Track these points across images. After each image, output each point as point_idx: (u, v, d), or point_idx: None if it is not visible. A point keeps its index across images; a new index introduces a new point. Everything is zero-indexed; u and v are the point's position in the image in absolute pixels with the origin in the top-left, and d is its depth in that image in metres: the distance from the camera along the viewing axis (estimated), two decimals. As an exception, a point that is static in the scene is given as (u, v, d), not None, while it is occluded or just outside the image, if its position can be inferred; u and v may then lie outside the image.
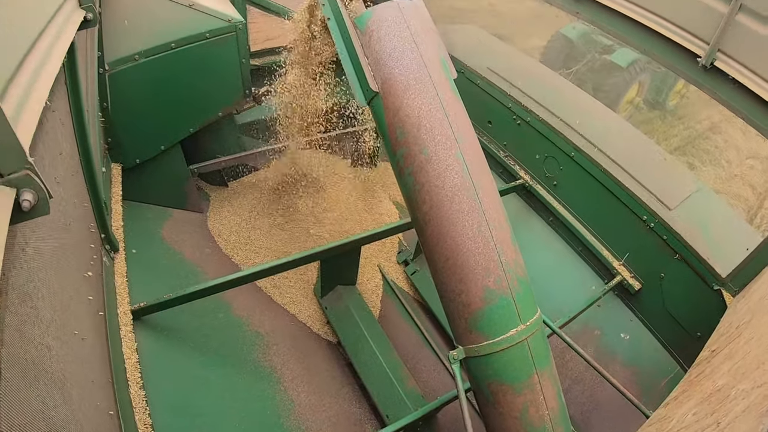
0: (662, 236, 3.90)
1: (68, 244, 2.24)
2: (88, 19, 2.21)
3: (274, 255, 4.66)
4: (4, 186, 1.11)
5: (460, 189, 2.35)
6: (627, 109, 10.12)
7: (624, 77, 9.50)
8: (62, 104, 2.37)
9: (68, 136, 2.48)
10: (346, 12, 2.70)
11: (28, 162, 1.13)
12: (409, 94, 2.42)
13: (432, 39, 2.64)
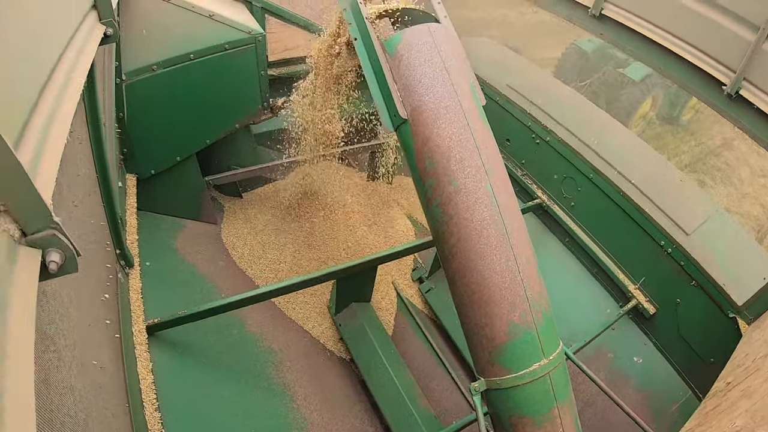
0: (679, 262, 3.86)
1: (85, 271, 2.19)
2: (108, 34, 2.16)
3: (288, 269, 4.61)
4: (28, 247, 1.03)
5: (489, 223, 2.30)
6: (640, 123, 10.05)
7: (637, 91, 9.44)
8: (80, 122, 2.33)
9: (86, 155, 2.44)
10: (374, 34, 2.65)
11: (54, 222, 1.05)
12: (440, 123, 2.37)
13: (462, 64, 2.59)
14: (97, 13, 2.10)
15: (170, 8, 3.63)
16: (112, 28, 2.16)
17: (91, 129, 2.47)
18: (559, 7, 4.53)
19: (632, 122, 9.68)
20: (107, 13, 2.13)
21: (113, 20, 2.15)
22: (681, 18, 3.72)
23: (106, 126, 2.95)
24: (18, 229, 1.00)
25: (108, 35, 2.16)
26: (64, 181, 1.97)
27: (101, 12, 2.11)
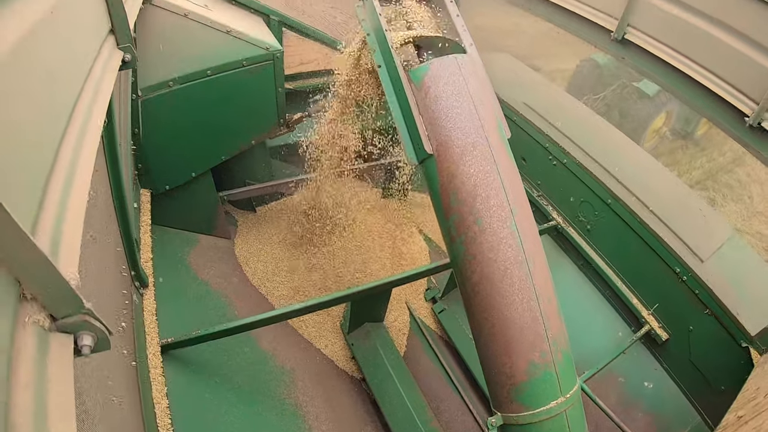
0: (694, 290, 3.83)
1: (104, 304, 2.17)
2: (127, 60, 2.11)
3: (301, 287, 4.58)
4: (59, 333, 0.99)
5: (513, 263, 2.26)
6: (653, 138, 9.96)
7: (651, 106, 9.36)
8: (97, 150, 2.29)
9: (103, 181, 2.40)
10: (400, 63, 2.60)
11: (85, 308, 1.01)
12: (466, 159, 2.32)
13: (489, 97, 2.54)
14: (115, 38, 2.06)
15: (188, 24, 3.57)
16: (130, 53, 2.12)
17: (108, 156, 2.43)
18: (581, 29, 4.48)
19: (645, 137, 9.59)
20: (125, 37, 2.09)
21: (131, 45, 2.11)
22: (705, 46, 3.68)
23: (122, 145, 2.92)
24: (47, 317, 0.96)
25: (126, 61, 2.11)
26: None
27: (119, 37, 2.07)
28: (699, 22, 3.69)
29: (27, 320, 0.91)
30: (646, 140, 9.66)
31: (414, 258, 5.17)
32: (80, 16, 1.66)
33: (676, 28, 3.79)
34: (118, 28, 2.05)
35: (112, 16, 2.00)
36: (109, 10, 1.98)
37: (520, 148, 4.94)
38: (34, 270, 0.89)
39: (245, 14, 4.39)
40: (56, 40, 1.38)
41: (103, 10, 1.95)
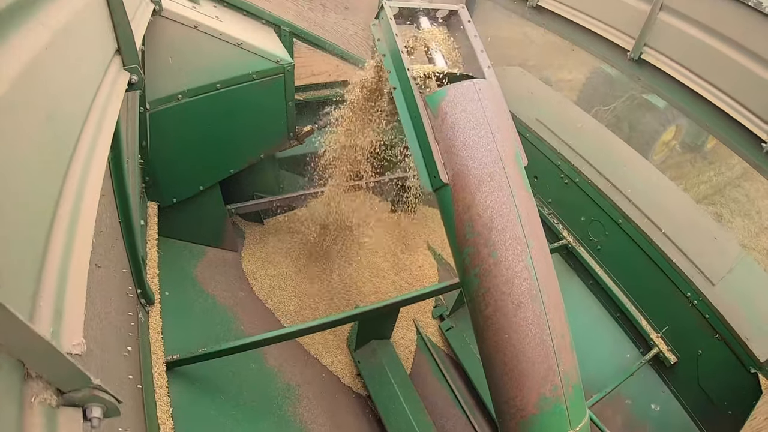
0: (704, 314, 3.78)
1: (109, 330, 2.10)
2: (133, 82, 2.04)
3: (307, 302, 4.53)
4: (67, 407, 0.94)
5: (527, 297, 2.21)
6: (662, 150, 9.87)
7: (661, 118, 9.28)
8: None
9: (108, 202, 2.34)
10: (416, 87, 2.54)
11: (93, 383, 0.95)
12: (482, 190, 2.26)
13: (507, 124, 2.48)
14: (121, 58, 1.98)
15: (197, 36, 3.50)
16: (137, 74, 2.04)
17: (115, 177, 2.37)
18: (596, 47, 4.41)
19: (655, 149, 9.51)
20: (132, 58, 2.01)
21: (138, 65, 2.04)
22: (723, 69, 3.60)
23: (129, 162, 2.87)
24: (54, 393, 0.91)
25: (133, 83, 2.04)
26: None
27: (125, 57, 1.99)
28: (718, 45, 3.61)
29: (33, 400, 0.86)
30: (655, 152, 9.58)
31: (422, 274, 5.11)
32: (85, 37, 1.59)
33: (694, 50, 3.71)
34: (124, 48, 1.97)
35: (118, 35, 1.93)
36: (115, 29, 1.91)
37: (532, 165, 4.79)
38: (35, 353, 0.84)
39: (256, 25, 4.34)
40: (59, 67, 1.33)
41: (108, 29, 1.87)
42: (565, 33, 4.65)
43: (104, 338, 1.97)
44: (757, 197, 10.10)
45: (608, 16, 4.21)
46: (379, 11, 2.87)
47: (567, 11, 4.51)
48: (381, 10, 2.85)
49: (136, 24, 2.51)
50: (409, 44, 2.93)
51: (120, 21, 1.91)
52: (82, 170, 1.40)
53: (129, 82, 2.02)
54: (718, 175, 10.30)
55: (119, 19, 1.90)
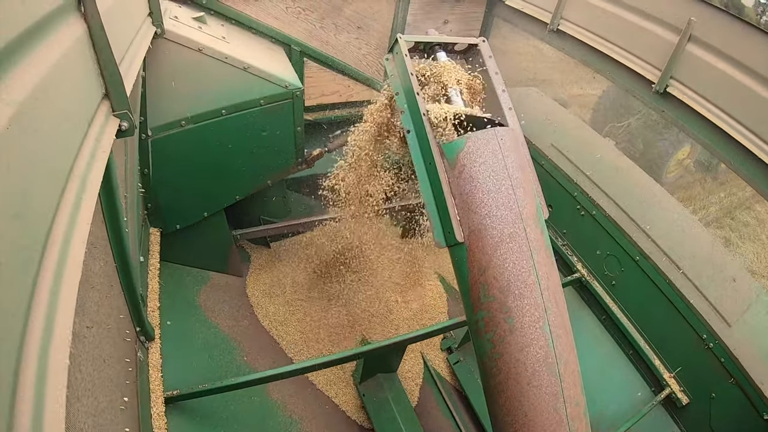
0: (719, 358, 3.64)
1: (104, 390, 1.98)
2: (124, 129, 1.86)
3: (313, 332, 4.39)
4: None
5: (542, 364, 2.08)
6: (676, 169, 9.67)
7: (675, 136, 9.09)
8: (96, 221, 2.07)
9: (102, 252, 2.19)
10: (432, 133, 2.38)
11: None
12: (500, 252, 2.11)
13: (528, 177, 2.33)
14: (110, 103, 1.81)
15: (202, 59, 3.35)
16: (127, 120, 1.87)
17: (109, 224, 2.21)
18: (620, 77, 4.24)
19: (669, 167, 9.32)
20: (121, 102, 1.85)
21: (128, 111, 1.86)
22: (752, 107, 3.43)
23: (128, 196, 2.72)
24: None
25: (123, 130, 1.87)
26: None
27: (114, 102, 1.82)
28: (748, 81, 3.44)
29: None
30: (669, 171, 9.39)
31: (432, 305, 4.96)
32: (67, 83, 1.45)
33: (722, 85, 3.55)
34: (113, 91, 1.80)
35: (105, 78, 1.76)
36: (102, 71, 1.75)
37: (547, 194, 4.60)
38: None
39: (265, 45, 4.20)
40: (38, 120, 1.20)
41: (94, 72, 1.71)
42: (586, 59, 4.48)
43: (97, 405, 1.85)
44: (741, 200, 9.79)
45: (633, 44, 4.04)
46: (393, 45, 2.70)
47: (589, 37, 4.34)
48: (395, 44, 2.67)
49: (127, 65, 2.36)
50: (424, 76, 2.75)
51: (107, 63, 1.74)
52: (63, 240, 1.28)
53: (119, 129, 1.85)
54: (729, 197, 10.01)
55: (106, 61, 1.73)
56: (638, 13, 3.99)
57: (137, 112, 3.08)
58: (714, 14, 3.56)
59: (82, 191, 1.44)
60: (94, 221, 2.04)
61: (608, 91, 9.43)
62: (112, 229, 2.24)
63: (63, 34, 1.44)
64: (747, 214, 9.73)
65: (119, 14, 2.16)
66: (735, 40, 3.45)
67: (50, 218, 1.25)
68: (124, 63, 2.11)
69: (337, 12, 4.55)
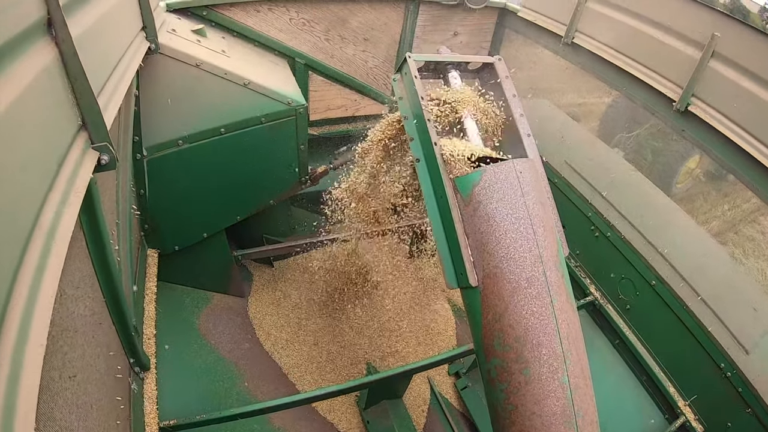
0: (737, 388, 3.48)
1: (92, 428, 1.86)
2: (104, 162, 1.71)
3: (316, 356, 4.26)
4: None
5: (560, 418, 1.94)
6: (686, 179, 9.47)
7: (685, 146, 8.90)
8: (79, 249, 1.91)
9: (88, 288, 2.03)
10: (444, 164, 2.21)
11: None
12: (517, 299, 1.95)
13: (549, 214, 2.17)
14: (88, 135, 1.66)
15: (200, 74, 3.18)
16: (108, 153, 1.71)
17: (96, 260, 2.06)
18: (638, 94, 4.07)
19: (678, 177, 9.13)
20: (100, 133, 1.69)
21: (108, 143, 1.71)
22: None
23: (120, 222, 2.57)
24: None
25: (103, 163, 1.71)
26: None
27: (93, 133, 1.67)
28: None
29: None
30: (678, 181, 9.20)
31: (439, 330, 4.80)
32: (33, 115, 1.30)
33: (748, 105, 3.38)
34: (90, 122, 1.65)
35: (81, 108, 1.61)
36: (77, 101, 1.59)
37: (560, 213, 4.50)
38: None
39: (268, 58, 4.06)
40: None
41: (68, 102, 1.55)
42: (603, 75, 4.31)
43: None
44: (759, 233, 9.47)
45: (653, 60, 3.87)
46: (402, 65, 2.54)
47: (606, 52, 4.16)
48: (404, 63, 2.51)
49: (122, 71, 2.21)
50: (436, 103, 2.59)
51: (83, 92, 1.58)
52: (25, 304, 1.13)
53: (98, 163, 1.69)
54: (733, 209, 9.69)
55: (81, 89, 1.57)
56: (658, 27, 3.82)
57: (129, 134, 2.93)
58: (739, 29, 3.39)
59: (49, 243, 1.28)
60: (79, 257, 1.90)
61: (618, 100, 9.24)
62: (100, 265, 2.09)
63: (29, 62, 1.30)
64: (752, 228, 9.38)
65: (103, 32, 2.00)
66: (761, 55, 3.28)
67: (10, 280, 1.11)
68: (109, 86, 1.97)
69: (343, 23, 4.39)
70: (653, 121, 8.81)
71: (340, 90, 4.68)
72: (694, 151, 8.97)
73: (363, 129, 4.24)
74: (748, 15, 9.78)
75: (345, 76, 4.60)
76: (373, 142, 3.06)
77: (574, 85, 4.96)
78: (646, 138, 9.12)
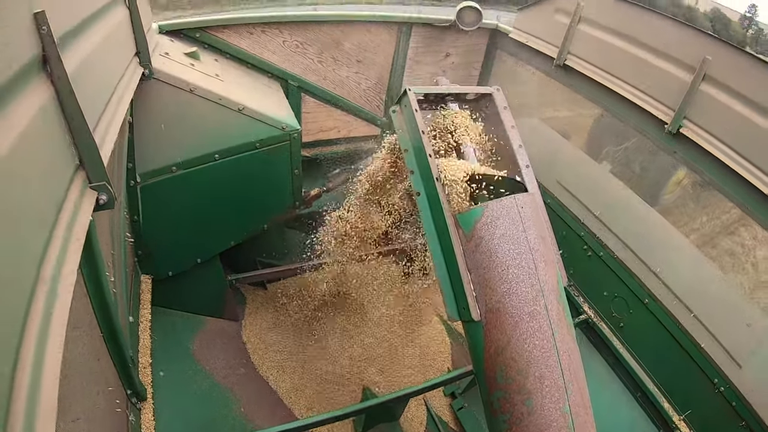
0: (731, 402, 3.51)
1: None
2: (103, 202, 1.70)
3: (311, 380, 4.23)
4: None
5: None
6: (674, 190, 9.56)
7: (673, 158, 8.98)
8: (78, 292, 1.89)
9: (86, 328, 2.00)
10: (446, 199, 2.21)
11: None
12: (519, 332, 1.97)
13: (549, 246, 2.18)
14: (86, 174, 1.64)
15: (193, 100, 3.16)
16: (106, 193, 1.69)
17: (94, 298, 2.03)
18: (629, 117, 4.12)
19: (667, 189, 9.21)
20: (98, 173, 1.67)
21: (107, 182, 1.69)
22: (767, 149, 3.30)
23: (114, 254, 2.55)
24: None
25: (102, 203, 1.70)
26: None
27: (90, 173, 1.65)
28: (764, 123, 3.30)
29: None
30: (667, 192, 9.27)
31: (434, 352, 4.79)
32: (31, 158, 1.28)
33: (739, 127, 3.41)
34: (88, 161, 1.63)
35: (78, 147, 1.58)
36: (74, 140, 1.57)
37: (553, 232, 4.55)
38: None
39: (261, 81, 4.05)
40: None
41: (65, 142, 1.53)
42: (594, 97, 4.36)
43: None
44: (753, 246, 9.46)
45: (645, 83, 3.90)
46: (401, 97, 2.54)
47: (598, 74, 4.19)
48: (403, 96, 2.51)
49: (116, 101, 2.18)
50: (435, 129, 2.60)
51: (79, 131, 1.56)
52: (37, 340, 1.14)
53: (97, 203, 1.67)
54: (711, 221, 9.71)
55: (78, 129, 1.55)
56: (650, 50, 3.85)
57: (123, 162, 2.91)
58: (730, 52, 3.43)
59: (51, 300, 1.26)
60: (77, 296, 1.87)
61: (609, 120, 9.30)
62: (98, 301, 2.08)
63: (25, 104, 1.27)
64: (731, 240, 9.39)
65: (97, 63, 1.98)
66: (752, 79, 3.31)
67: (18, 336, 1.10)
68: (104, 118, 1.95)
69: (336, 46, 4.41)
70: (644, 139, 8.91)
71: (333, 111, 4.69)
72: (678, 162, 9.05)
73: (356, 150, 4.24)
74: (729, 24, 9.92)
75: (338, 97, 4.61)
76: (370, 179, 3.06)
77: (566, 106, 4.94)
78: (634, 151, 9.19)
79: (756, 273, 5.05)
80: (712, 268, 4.02)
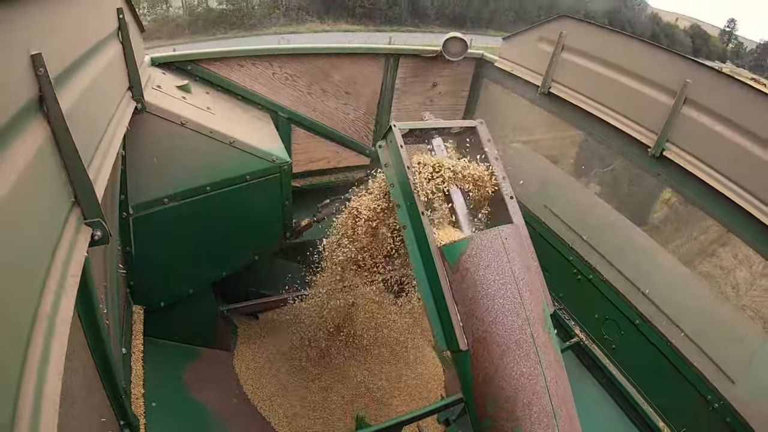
0: (725, 418, 3.52)
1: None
2: (97, 238, 1.72)
3: (304, 409, 4.22)
4: None
5: None
6: (662, 208, 9.64)
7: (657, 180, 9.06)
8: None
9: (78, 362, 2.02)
10: (432, 232, 2.26)
11: None
12: (507, 360, 2.01)
13: (534, 278, 2.22)
14: (81, 211, 1.67)
15: (185, 133, 3.21)
16: (101, 229, 1.71)
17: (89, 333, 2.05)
18: (613, 141, 4.20)
19: (653, 210, 9.29)
20: (93, 209, 1.69)
21: (101, 219, 1.71)
22: (750, 169, 3.35)
23: (107, 287, 2.57)
24: None
25: (97, 239, 1.71)
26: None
27: (85, 209, 1.67)
28: (747, 143, 3.37)
29: None
30: (656, 211, 9.35)
31: (426, 377, 4.80)
32: (27, 198, 1.29)
33: (721, 148, 3.47)
34: (83, 198, 1.66)
35: (74, 185, 1.61)
36: (70, 178, 1.59)
37: (541, 258, 4.53)
38: None
39: (251, 113, 4.11)
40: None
41: (60, 179, 1.56)
42: (579, 123, 4.43)
43: None
44: (734, 266, 9.44)
45: (627, 108, 3.98)
46: (387, 133, 2.60)
47: (582, 101, 4.28)
48: (389, 131, 2.57)
49: (109, 137, 2.21)
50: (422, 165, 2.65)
51: (75, 169, 1.59)
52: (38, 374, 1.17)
53: (92, 239, 1.70)
54: (690, 240, 9.74)
55: (74, 167, 1.58)
56: (632, 75, 3.93)
57: (115, 194, 2.94)
58: (709, 76, 3.50)
59: (49, 341, 1.28)
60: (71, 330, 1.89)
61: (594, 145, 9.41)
62: (92, 334, 2.09)
63: (23, 144, 1.29)
64: (710, 262, 9.37)
65: (91, 100, 2.01)
66: (731, 101, 3.39)
67: (17, 374, 1.12)
68: (98, 154, 1.99)
69: (325, 77, 4.49)
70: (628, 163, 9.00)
71: (323, 142, 4.75)
72: (666, 181, 9.14)
73: (345, 180, 4.28)
74: (709, 39, 10.07)
75: (327, 128, 4.67)
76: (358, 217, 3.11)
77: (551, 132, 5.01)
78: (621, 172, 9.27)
79: (740, 289, 5.10)
80: (700, 286, 4.05)
